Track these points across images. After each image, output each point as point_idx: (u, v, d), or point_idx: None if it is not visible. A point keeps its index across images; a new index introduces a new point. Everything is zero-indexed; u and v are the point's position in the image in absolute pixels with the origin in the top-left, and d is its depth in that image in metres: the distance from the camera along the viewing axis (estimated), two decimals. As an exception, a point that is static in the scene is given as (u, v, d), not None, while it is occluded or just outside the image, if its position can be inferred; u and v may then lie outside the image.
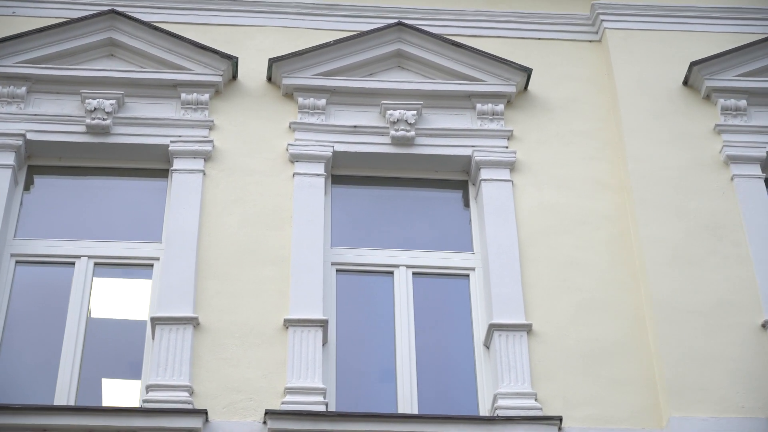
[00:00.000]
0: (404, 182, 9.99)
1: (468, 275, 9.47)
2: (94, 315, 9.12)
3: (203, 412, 8.28)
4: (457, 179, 10.00)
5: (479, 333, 9.11)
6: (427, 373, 9.00)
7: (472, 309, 9.29)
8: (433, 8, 10.72)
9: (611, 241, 9.45)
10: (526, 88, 10.25)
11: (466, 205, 9.88)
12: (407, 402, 8.76)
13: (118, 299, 9.26)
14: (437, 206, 9.92)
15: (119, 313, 9.24)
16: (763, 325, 8.90)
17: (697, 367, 8.68)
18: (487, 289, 9.18)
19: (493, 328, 8.91)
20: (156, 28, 10.09)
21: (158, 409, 8.29)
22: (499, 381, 8.68)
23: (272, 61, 10.04)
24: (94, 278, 9.24)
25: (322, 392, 8.52)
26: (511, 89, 10.12)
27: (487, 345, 9.00)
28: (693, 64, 10.15)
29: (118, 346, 9.06)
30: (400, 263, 9.45)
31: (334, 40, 10.20)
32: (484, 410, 8.75)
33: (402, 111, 9.88)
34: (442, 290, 9.47)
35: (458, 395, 8.95)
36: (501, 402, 8.57)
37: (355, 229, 9.69)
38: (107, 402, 8.80)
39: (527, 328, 8.91)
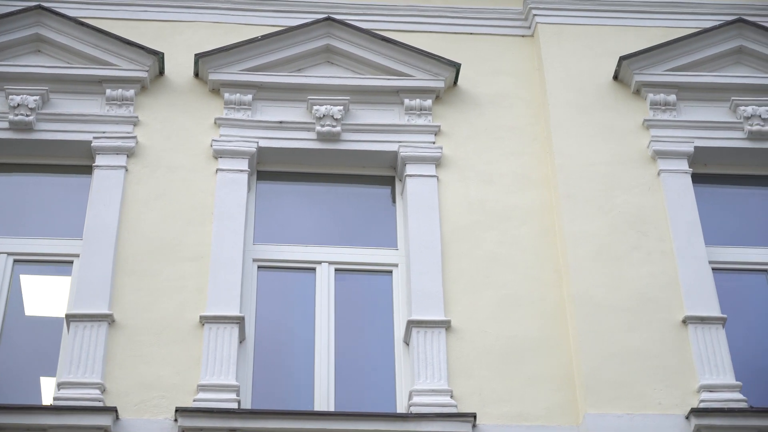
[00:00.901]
0: (331, 178, 9.92)
1: (391, 271, 9.40)
2: (13, 312, 9.04)
3: (113, 410, 8.22)
4: (385, 175, 9.93)
5: (400, 330, 9.04)
6: (346, 370, 8.95)
7: (394, 305, 9.22)
8: (366, 3, 10.66)
9: (536, 237, 9.39)
10: (455, 83, 10.18)
11: (394, 201, 9.81)
12: (324, 399, 8.70)
13: (39, 296, 9.19)
14: (364, 202, 9.87)
15: (39, 310, 9.17)
16: (684, 321, 8.82)
17: (615, 363, 8.62)
18: (408, 285, 9.10)
19: (411, 324, 8.85)
20: (82, 24, 10.03)
21: (68, 407, 8.23)
22: (416, 378, 8.63)
23: (198, 57, 9.98)
24: (15, 275, 9.16)
25: (235, 389, 8.45)
26: (440, 84, 10.06)
27: (406, 342, 8.93)
28: (622, 59, 10.08)
29: (36, 344, 9.00)
30: (322, 259, 9.39)
31: (262, 36, 10.14)
32: (401, 407, 8.69)
33: (328, 106, 9.82)
34: (365, 287, 9.41)
35: (377, 392, 8.88)
36: (416, 399, 8.51)
37: (279, 225, 9.63)
38: (24, 400, 8.71)
39: (446, 325, 8.85)
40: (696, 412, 8.33)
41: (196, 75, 10.06)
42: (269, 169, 9.87)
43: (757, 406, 8.61)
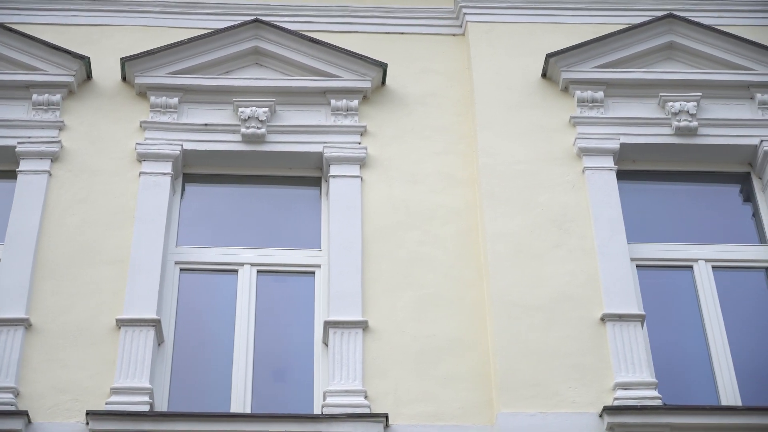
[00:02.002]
0: (257, 180, 9.92)
1: (314, 272, 9.38)
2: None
3: (24, 414, 8.23)
4: (312, 176, 9.91)
5: (320, 331, 9.02)
6: (264, 372, 8.94)
7: (315, 307, 9.20)
8: (297, 5, 10.67)
9: (458, 236, 9.36)
10: (383, 83, 10.15)
11: (320, 202, 9.79)
12: (240, 401, 8.69)
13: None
14: (290, 203, 9.86)
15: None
16: (602, 319, 8.77)
17: (531, 362, 8.58)
18: (328, 286, 9.09)
19: (329, 325, 8.84)
20: (9, 30, 10.05)
21: (-20, 411, 8.24)
22: (330, 379, 8.61)
23: (125, 61, 9.99)
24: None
25: (148, 392, 8.46)
26: (367, 85, 10.04)
27: (325, 343, 8.92)
28: (549, 56, 10.04)
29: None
30: (245, 261, 9.39)
31: (189, 39, 10.15)
32: (318, 409, 8.66)
33: (254, 108, 9.82)
34: (288, 288, 9.39)
35: (295, 394, 8.87)
36: (329, 399, 8.50)
37: (204, 227, 9.63)
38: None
39: (363, 325, 8.84)
40: (609, 410, 8.29)
41: (124, 79, 10.07)
42: (195, 171, 9.87)
43: (676, 403, 8.55)
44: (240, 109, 9.81)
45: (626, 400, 8.38)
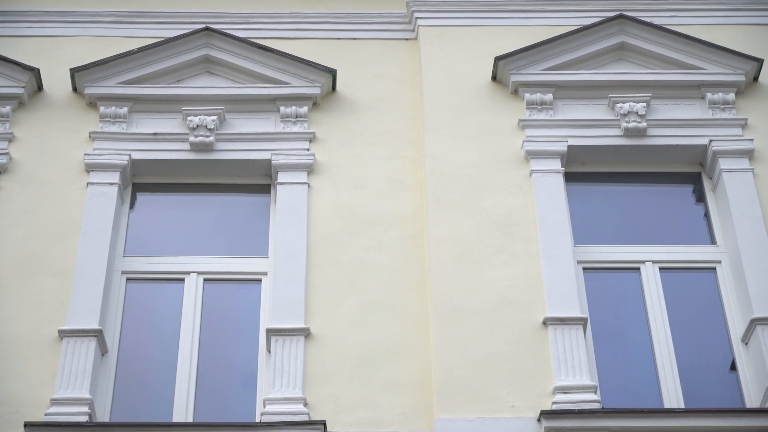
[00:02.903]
0: (207, 188, 9.93)
1: (260, 280, 9.39)
2: None
3: (-36, 426, 8.29)
4: (261, 183, 9.92)
5: (264, 339, 9.02)
6: (208, 381, 8.94)
7: (261, 314, 9.21)
8: (249, 12, 10.68)
9: (403, 242, 9.35)
10: (334, 89, 10.15)
11: (269, 209, 9.80)
12: (183, 410, 8.70)
13: None
14: (239, 211, 9.86)
15: None
16: (544, 323, 8.74)
17: (471, 367, 8.56)
18: (272, 293, 9.11)
19: (271, 333, 8.84)
20: (-43, 42, 10.12)
21: None
22: (271, 386, 8.62)
23: (74, 71, 10.03)
24: None
25: (88, 403, 8.48)
26: (316, 91, 10.05)
27: (269, 350, 8.92)
28: (498, 59, 10.01)
29: None
30: (191, 270, 9.40)
31: (138, 48, 10.17)
32: (259, 417, 8.67)
33: (202, 117, 9.84)
34: (234, 296, 9.41)
35: (238, 402, 8.87)
36: (269, 407, 8.50)
37: (152, 236, 9.65)
38: None
39: (305, 332, 8.84)
40: (546, 414, 8.26)
41: (75, 90, 10.10)
42: (145, 181, 9.89)
43: (618, 406, 8.51)
44: (189, 118, 9.83)
45: (564, 404, 8.34)
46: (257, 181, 9.93)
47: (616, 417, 8.27)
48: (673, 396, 8.72)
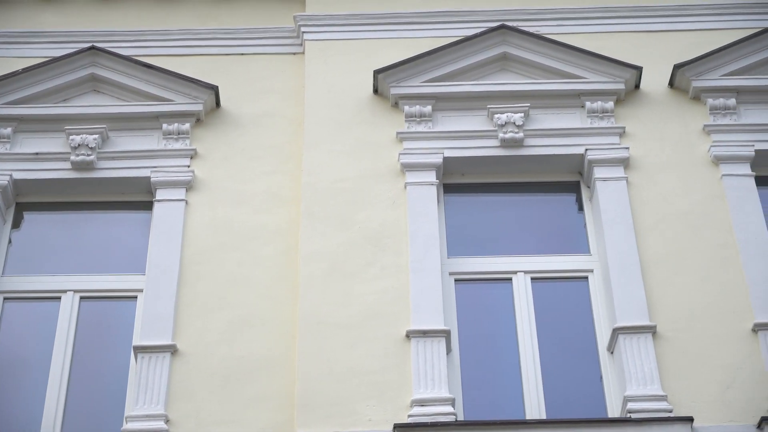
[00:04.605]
0: (90, 206, 10.02)
1: (136, 297, 9.46)
2: None
3: None
4: (143, 200, 10.00)
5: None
6: (78, 399, 9.02)
7: (134, 332, 9.27)
8: (137, 30, 10.78)
9: (277, 256, 9.41)
10: (218, 105, 10.22)
11: (149, 226, 9.87)
12: (50, 428, 8.79)
13: None
14: (121, 229, 9.94)
15: None
16: (407, 336, 8.78)
17: (334, 381, 8.61)
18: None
19: (137, 350, 8.92)
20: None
21: None
22: (133, 404, 8.69)
23: (-41, 92, 10.14)
24: None
25: None
26: (198, 108, 10.12)
27: (139, 367, 9.01)
28: (377, 73, 10.05)
29: None
30: (68, 288, 9.49)
31: (23, 68, 10.28)
32: (122, 436, 8.74)
33: (84, 135, 9.93)
34: (110, 313, 9.48)
35: (105, 420, 8.94)
36: (129, 425, 8.61)
37: (33, 256, 9.74)
38: None
39: (171, 349, 8.90)
40: (400, 427, 8.31)
41: (-38, 111, 10.18)
42: (28, 200, 10.05)
43: (481, 418, 8.54)
44: (71, 137, 9.92)
45: (420, 417, 8.39)
46: (139, 198, 9.99)
47: (470, 429, 8.32)
48: (535, 407, 8.72)
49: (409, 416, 8.41)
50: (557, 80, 10.06)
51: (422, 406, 8.45)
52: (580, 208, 9.85)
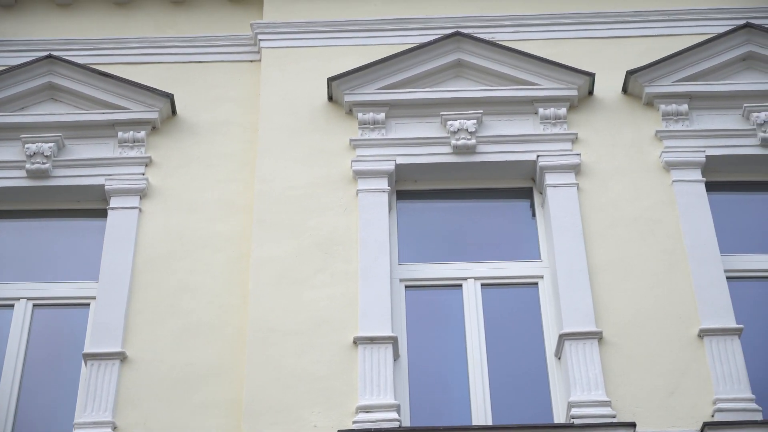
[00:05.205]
0: (46, 214, 10.07)
1: (89, 304, 9.50)
2: None
3: None
4: (98, 208, 10.04)
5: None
6: (30, 405, 9.07)
7: (86, 339, 9.31)
8: (95, 38, 10.81)
9: (228, 264, 9.45)
10: (174, 113, 10.26)
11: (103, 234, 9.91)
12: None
13: None
14: (77, 236, 9.97)
15: None
16: (355, 342, 8.81)
17: (281, 387, 8.65)
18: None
19: (86, 357, 8.97)
20: None
21: None
22: (82, 411, 8.73)
23: None
24: None
25: None
26: (154, 116, 10.16)
27: (91, 375, 9.05)
28: (331, 80, 10.09)
29: None
30: (21, 296, 9.54)
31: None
32: (69, 440, 8.78)
33: (40, 144, 9.98)
34: (63, 321, 9.52)
35: (55, 428, 8.98)
36: (77, 432, 8.63)
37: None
38: None
39: (120, 356, 8.95)
40: (344, 433, 8.34)
41: None
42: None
43: (427, 425, 8.60)
44: (26, 146, 9.97)
45: (364, 423, 8.43)
46: (94, 206, 10.04)
47: (426, 436, 8.33)
48: (482, 413, 8.75)
49: (354, 422, 8.44)
50: (511, 87, 10.09)
51: (367, 412, 8.49)
52: (534, 215, 9.86)
